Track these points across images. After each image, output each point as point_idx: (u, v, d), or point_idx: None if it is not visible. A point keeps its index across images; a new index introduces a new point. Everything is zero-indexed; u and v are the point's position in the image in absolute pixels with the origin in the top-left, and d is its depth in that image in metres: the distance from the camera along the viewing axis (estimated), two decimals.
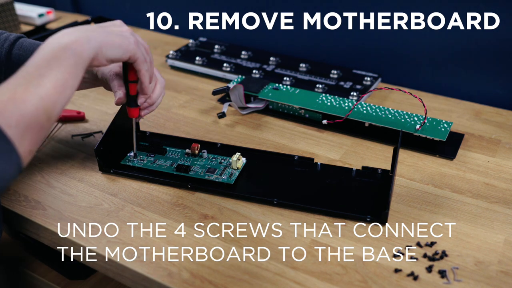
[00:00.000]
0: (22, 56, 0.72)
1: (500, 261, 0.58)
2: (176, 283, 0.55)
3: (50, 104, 0.52)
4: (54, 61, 0.54)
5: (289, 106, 0.86)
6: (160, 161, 0.73)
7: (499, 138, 0.81)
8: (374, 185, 0.69)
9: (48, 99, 0.52)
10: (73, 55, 0.55)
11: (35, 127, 0.51)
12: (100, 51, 0.58)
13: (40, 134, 0.52)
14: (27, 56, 0.71)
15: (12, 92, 0.50)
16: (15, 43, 0.73)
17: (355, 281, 0.55)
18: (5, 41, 0.73)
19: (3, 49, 0.72)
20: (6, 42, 0.72)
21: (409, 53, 0.99)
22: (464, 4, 0.89)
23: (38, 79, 0.52)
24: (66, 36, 0.56)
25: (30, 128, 0.51)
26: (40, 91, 0.51)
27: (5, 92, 0.51)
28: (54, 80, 0.53)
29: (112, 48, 0.59)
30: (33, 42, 0.73)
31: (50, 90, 0.52)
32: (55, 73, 0.53)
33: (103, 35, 0.59)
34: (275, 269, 0.57)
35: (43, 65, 0.53)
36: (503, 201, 0.67)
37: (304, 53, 1.08)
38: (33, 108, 0.51)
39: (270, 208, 0.66)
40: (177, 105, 0.91)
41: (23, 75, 0.53)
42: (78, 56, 0.55)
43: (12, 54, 0.72)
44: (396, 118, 0.79)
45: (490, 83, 0.94)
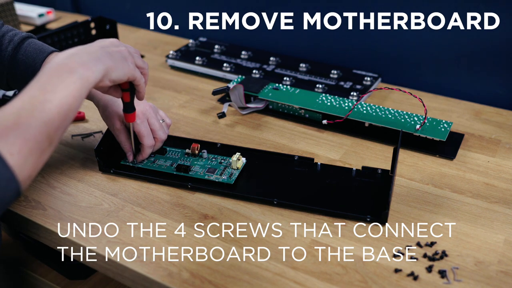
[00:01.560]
0: (25, 62, 0.71)
1: (500, 261, 0.58)
2: (176, 283, 0.55)
3: (53, 129, 0.52)
4: (61, 84, 0.53)
5: (289, 106, 0.86)
6: (160, 161, 0.73)
7: (499, 138, 0.81)
8: (374, 185, 0.69)
9: (51, 125, 0.51)
10: (79, 78, 0.54)
11: (36, 152, 0.50)
12: (105, 74, 0.58)
13: (42, 159, 0.52)
14: (29, 63, 0.71)
15: (17, 117, 0.50)
16: (20, 47, 0.72)
17: (355, 281, 0.55)
18: (9, 43, 0.71)
19: (6, 52, 0.71)
20: (10, 45, 0.71)
21: (409, 53, 0.99)
22: (464, 4, 0.89)
23: (44, 103, 0.51)
24: (73, 59, 0.56)
25: (32, 154, 0.50)
26: (44, 117, 0.51)
27: (10, 117, 0.50)
28: (59, 105, 0.52)
29: (116, 72, 0.59)
30: (38, 47, 0.72)
31: (54, 116, 0.51)
32: (60, 98, 0.52)
33: (108, 59, 0.59)
34: (275, 269, 0.57)
35: (48, 88, 0.52)
36: (503, 201, 0.67)
37: (304, 53, 1.08)
38: (37, 133, 0.50)
39: (270, 208, 0.66)
40: (177, 105, 0.91)
41: (28, 98, 0.52)
42: (84, 80, 0.55)
43: (16, 59, 0.71)
44: (396, 118, 0.79)
45: (490, 83, 0.94)
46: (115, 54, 0.60)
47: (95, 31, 1.09)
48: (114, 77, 0.59)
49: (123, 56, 0.61)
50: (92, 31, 1.08)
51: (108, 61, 0.59)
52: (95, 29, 1.09)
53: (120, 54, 0.61)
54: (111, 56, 0.60)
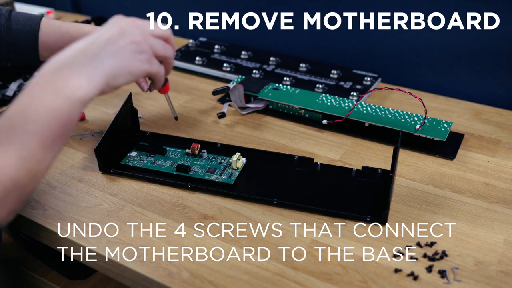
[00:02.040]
0: (22, 31, 0.69)
1: (500, 261, 0.58)
2: (176, 283, 0.55)
3: (35, 163, 0.44)
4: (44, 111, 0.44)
5: (289, 106, 0.86)
6: (160, 161, 0.73)
7: (499, 138, 0.81)
8: (374, 185, 0.69)
9: (33, 159, 0.43)
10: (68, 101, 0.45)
11: (16, 190, 0.43)
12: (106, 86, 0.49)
13: (24, 193, 0.45)
14: (26, 30, 0.70)
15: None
16: (10, 18, 0.70)
17: (355, 281, 0.55)
18: (0, 17, 0.70)
19: (1, 25, 0.69)
20: (1, 18, 0.70)
21: (409, 53, 0.99)
22: (464, 4, 0.89)
23: (21, 135, 0.43)
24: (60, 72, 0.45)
25: (10, 193, 0.43)
26: (23, 153, 0.42)
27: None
28: (41, 136, 0.43)
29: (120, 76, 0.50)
30: (26, 15, 0.72)
31: (35, 150, 0.43)
32: (41, 126, 0.43)
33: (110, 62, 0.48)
34: (275, 269, 0.57)
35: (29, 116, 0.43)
36: (503, 201, 0.67)
37: (304, 53, 1.08)
38: (12, 171, 0.42)
39: (270, 208, 0.66)
40: (177, 105, 0.91)
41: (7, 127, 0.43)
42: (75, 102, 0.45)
43: (12, 30, 0.70)
44: (396, 118, 0.79)
45: (490, 83, 0.94)
46: (124, 49, 0.50)
47: None
48: (119, 83, 0.50)
49: (136, 50, 0.51)
50: None
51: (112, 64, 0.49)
52: None
53: (131, 46, 0.51)
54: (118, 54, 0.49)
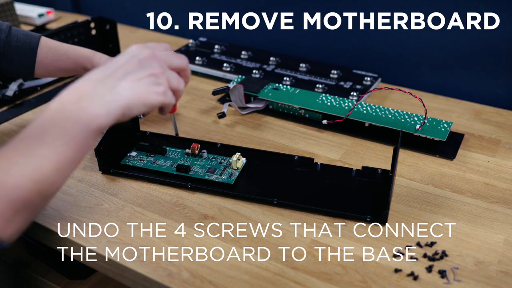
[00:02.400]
0: (21, 48, 0.73)
1: (500, 261, 0.58)
2: (176, 283, 0.55)
3: (46, 186, 0.45)
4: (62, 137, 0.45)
5: (289, 106, 0.86)
6: (160, 161, 0.73)
7: (499, 138, 0.81)
8: (374, 185, 0.69)
9: (45, 181, 0.44)
10: (85, 131, 0.46)
11: (26, 210, 0.44)
12: (122, 116, 0.50)
13: (33, 214, 0.46)
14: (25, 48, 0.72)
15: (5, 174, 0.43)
16: (10, 34, 0.73)
17: (355, 281, 0.55)
18: (0, 32, 0.73)
19: (0, 41, 0.72)
20: (2, 33, 0.72)
21: (409, 53, 0.99)
22: (464, 4, 0.89)
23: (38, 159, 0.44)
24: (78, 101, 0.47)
25: (20, 212, 0.44)
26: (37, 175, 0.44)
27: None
28: (56, 160, 0.45)
29: (136, 107, 0.51)
30: (26, 33, 0.74)
31: (49, 173, 0.44)
32: (58, 152, 0.45)
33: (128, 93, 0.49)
34: (275, 269, 0.57)
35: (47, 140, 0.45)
36: (503, 201, 0.67)
37: (304, 53, 1.08)
38: (26, 193, 0.43)
39: (270, 208, 0.66)
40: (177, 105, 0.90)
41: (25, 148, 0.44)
42: (92, 131, 0.47)
43: (11, 46, 0.73)
44: (396, 118, 0.79)
45: (490, 83, 0.94)
46: (143, 81, 0.51)
47: (95, 31, 1.09)
48: (134, 113, 0.51)
49: (152, 82, 0.51)
50: (92, 31, 1.08)
51: (129, 96, 0.49)
52: (95, 29, 1.09)
53: (149, 79, 0.51)
54: (135, 87, 0.50)
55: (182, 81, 0.57)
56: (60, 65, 0.76)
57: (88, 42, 1.07)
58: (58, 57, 0.76)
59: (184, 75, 0.58)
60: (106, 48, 1.10)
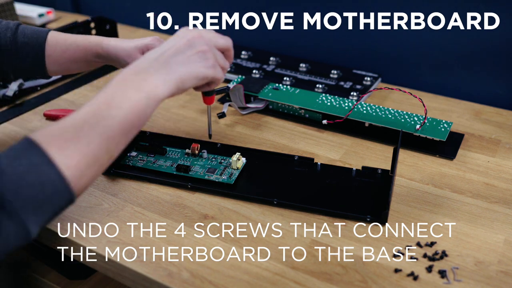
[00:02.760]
0: (28, 44, 0.72)
1: (500, 261, 0.58)
2: (176, 283, 0.55)
3: (113, 145, 0.52)
4: (126, 102, 0.52)
5: (289, 106, 0.86)
6: (160, 161, 0.73)
7: (499, 138, 0.81)
8: (374, 185, 0.69)
9: (112, 140, 0.51)
10: (146, 98, 0.53)
11: (94, 166, 0.51)
12: (176, 89, 0.56)
13: (99, 171, 0.52)
14: (33, 44, 0.72)
15: (78, 130, 0.50)
16: (17, 31, 0.73)
17: (355, 281, 0.55)
18: (7, 29, 0.72)
19: (6, 38, 0.72)
20: (8, 31, 0.72)
21: (409, 53, 0.99)
22: (464, 4, 0.89)
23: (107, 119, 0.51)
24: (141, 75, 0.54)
25: (89, 168, 0.50)
26: (106, 132, 0.51)
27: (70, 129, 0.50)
28: (122, 121, 0.51)
29: (189, 80, 0.57)
30: (34, 29, 0.74)
31: (116, 132, 0.51)
32: (124, 113, 0.52)
33: (182, 67, 0.56)
34: (275, 269, 0.57)
35: (113, 104, 0.52)
36: (503, 201, 0.67)
37: (304, 53, 1.08)
38: (96, 148, 0.50)
39: (270, 208, 0.66)
40: (177, 105, 0.91)
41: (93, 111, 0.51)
42: (151, 99, 0.54)
43: (18, 43, 0.72)
44: (396, 118, 0.79)
45: (490, 83, 0.94)
46: (192, 58, 0.58)
47: (95, 31, 1.09)
48: (188, 86, 0.57)
49: (201, 57, 0.58)
50: (92, 31, 1.08)
51: (181, 70, 0.56)
52: (95, 29, 1.09)
53: (198, 55, 0.58)
54: (185, 64, 0.57)
55: (226, 61, 0.63)
56: (69, 55, 0.74)
57: None
58: (66, 47, 0.74)
59: (228, 55, 0.64)
60: None
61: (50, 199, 0.48)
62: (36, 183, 0.47)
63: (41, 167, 0.47)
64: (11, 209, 0.46)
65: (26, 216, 0.46)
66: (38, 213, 0.47)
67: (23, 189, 0.46)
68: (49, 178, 0.47)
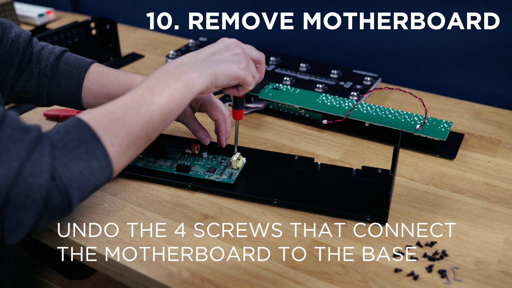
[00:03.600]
0: (69, 71, 0.72)
1: (500, 261, 0.58)
2: (176, 283, 0.55)
3: (152, 129, 0.56)
4: (167, 89, 0.56)
5: (289, 106, 0.86)
6: (160, 161, 0.73)
7: (499, 138, 0.81)
8: (374, 185, 0.69)
9: (152, 124, 0.55)
10: (184, 88, 0.57)
11: (134, 147, 0.55)
12: (210, 83, 0.60)
13: (136, 153, 0.56)
14: (73, 72, 0.72)
15: (124, 112, 0.54)
16: (60, 57, 0.74)
17: (355, 281, 0.55)
18: (50, 54, 0.73)
19: (48, 62, 0.73)
20: (51, 55, 0.73)
21: (409, 53, 0.99)
22: (464, 4, 0.89)
23: (149, 103, 0.55)
24: (182, 68, 0.59)
25: (130, 148, 0.54)
26: (148, 116, 0.55)
27: (117, 111, 0.54)
28: (162, 107, 0.56)
29: (222, 78, 0.61)
30: (79, 58, 0.74)
31: (156, 116, 0.55)
32: (164, 101, 0.56)
33: (216, 65, 0.60)
34: (275, 269, 0.57)
35: (156, 91, 0.56)
36: (503, 201, 0.67)
37: (304, 53, 1.08)
38: (138, 130, 0.54)
39: (270, 208, 0.66)
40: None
41: (137, 96, 0.55)
42: (188, 89, 0.58)
43: (58, 68, 0.73)
44: (396, 118, 0.79)
45: (490, 83, 0.94)
46: (227, 58, 0.62)
47: (95, 31, 1.09)
48: (220, 84, 0.61)
49: (235, 59, 0.62)
50: (92, 31, 1.08)
51: (216, 67, 0.60)
52: (95, 29, 1.09)
53: (233, 57, 0.62)
54: (220, 63, 0.61)
55: (257, 73, 0.66)
56: (109, 91, 0.72)
57: (88, 42, 1.08)
58: (107, 82, 0.72)
59: (260, 68, 0.68)
60: (106, 48, 1.10)
61: (94, 174, 0.51)
62: (84, 157, 0.50)
63: (88, 143, 0.51)
64: (60, 181, 0.49)
65: (72, 189, 0.50)
66: (81, 188, 0.51)
67: (72, 163, 0.50)
68: (96, 154, 0.51)
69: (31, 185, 0.47)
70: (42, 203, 0.48)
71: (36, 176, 0.47)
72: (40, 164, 0.48)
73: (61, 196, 0.49)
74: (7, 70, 0.71)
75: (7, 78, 0.71)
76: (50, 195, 0.48)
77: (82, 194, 0.51)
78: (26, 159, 0.47)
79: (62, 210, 0.50)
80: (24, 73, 0.72)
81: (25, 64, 0.72)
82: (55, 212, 0.50)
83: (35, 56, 0.73)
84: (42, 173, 0.47)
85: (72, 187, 0.50)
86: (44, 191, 0.47)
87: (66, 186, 0.49)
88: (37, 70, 0.72)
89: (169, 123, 0.58)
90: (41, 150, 0.48)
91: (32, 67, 0.72)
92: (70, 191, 0.49)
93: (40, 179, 0.47)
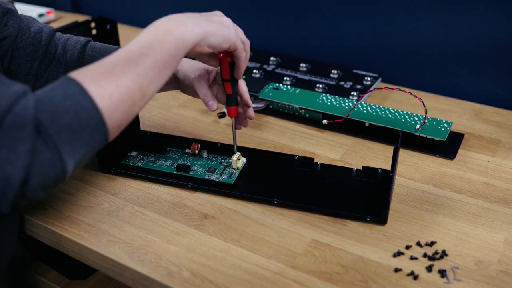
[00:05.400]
0: (96, 57, 0.73)
1: (500, 260, 0.58)
2: (177, 283, 0.55)
3: (146, 82, 0.54)
4: (157, 42, 0.55)
5: (289, 106, 0.86)
6: (160, 161, 0.73)
7: (499, 138, 0.81)
8: (374, 185, 0.69)
9: (144, 77, 0.54)
10: (175, 39, 0.56)
11: (127, 102, 0.53)
12: (203, 38, 0.59)
13: (132, 110, 0.54)
14: (100, 57, 0.72)
15: (112, 66, 0.52)
16: (87, 45, 0.75)
17: (355, 281, 0.55)
18: (77, 42, 0.75)
19: (75, 50, 0.74)
20: (78, 44, 0.75)
21: (409, 53, 0.99)
22: (464, 4, 0.89)
23: (138, 57, 0.54)
24: (172, 21, 0.58)
25: (123, 102, 0.52)
26: (138, 69, 0.53)
27: (105, 65, 0.53)
28: (153, 59, 0.54)
29: (214, 36, 0.60)
30: (104, 45, 0.75)
31: (148, 69, 0.54)
32: (155, 53, 0.55)
33: (206, 23, 0.60)
34: (275, 269, 0.57)
35: (145, 45, 0.55)
36: (503, 201, 0.67)
37: (304, 53, 1.08)
38: (129, 83, 0.52)
39: (270, 208, 0.66)
40: (177, 105, 0.91)
41: (125, 52, 0.55)
42: (180, 41, 0.57)
43: (85, 55, 0.74)
44: (396, 118, 0.79)
45: (491, 83, 0.94)
46: (216, 21, 0.61)
47: (95, 31, 1.09)
48: (212, 42, 0.60)
49: (225, 24, 0.62)
50: (92, 31, 1.08)
51: (207, 26, 0.59)
52: (95, 29, 1.09)
53: (222, 22, 0.62)
54: (211, 23, 0.60)
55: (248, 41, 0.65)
56: None
57: None
58: None
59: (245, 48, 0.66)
60: None
61: (84, 128, 0.49)
62: (71, 110, 0.48)
63: (75, 96, 0.49)
64: (46, 134, 0.47)
65: (62, 144, 0.48)
66: (72, 143, 0.48)
67: (58, 116, 0.48)
68: (83, 106, 0.49)
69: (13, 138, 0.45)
70: (26, 156, 0.46)
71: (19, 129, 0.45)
72: (22, 117, 0.46)
73: (50, 151, 0.47)
74: (31, 63, 0.72)
75: (31, 71, 0.73)
76: (35, 148, 0.46)
77: (76, 152, 0.49)
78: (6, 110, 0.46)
79: (55, 170, 0.48)
80: (52, 63, 0.74)
81: (51, 56, 0.74)
82: (46, 172, 0.47)
83: (61, 46, 0.74)
84: (26, 124, 0.46)
85: (60, 141, 0.47)
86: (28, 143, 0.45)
87: (54, 139, 0.47)
88: (64, 59, 0.74)
89: (166, 77, 0.57)
90: (24, 103, 0.46)
91: (59, 57, 0.74)
92: (59, 146, 0.47)
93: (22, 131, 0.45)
